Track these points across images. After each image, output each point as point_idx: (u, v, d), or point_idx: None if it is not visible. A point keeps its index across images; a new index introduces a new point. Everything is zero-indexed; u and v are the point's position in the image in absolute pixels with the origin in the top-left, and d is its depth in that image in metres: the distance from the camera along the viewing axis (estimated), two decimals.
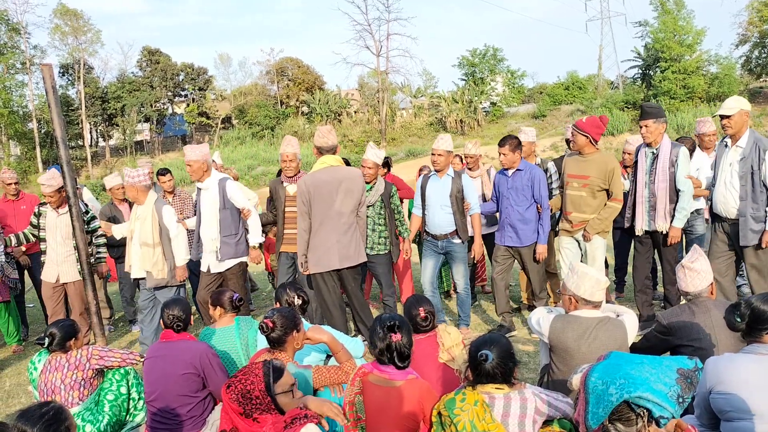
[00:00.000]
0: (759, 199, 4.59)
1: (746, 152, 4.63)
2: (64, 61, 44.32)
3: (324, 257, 4.78)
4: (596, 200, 5.11)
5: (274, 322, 3.09)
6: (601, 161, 5.13)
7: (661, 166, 4.92)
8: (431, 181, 5.57)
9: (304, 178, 4.82)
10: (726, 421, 2.57)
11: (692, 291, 3.24)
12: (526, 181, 5.32)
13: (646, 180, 5.01)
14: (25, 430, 2.09)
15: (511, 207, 5.38)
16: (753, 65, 37.51)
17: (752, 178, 4.60)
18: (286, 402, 2.37)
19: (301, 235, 4.84)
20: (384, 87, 42.72)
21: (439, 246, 5.56)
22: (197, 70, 48.35)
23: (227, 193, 5.33)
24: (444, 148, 5.39)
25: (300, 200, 4.78)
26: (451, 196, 5.40)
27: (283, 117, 46.28)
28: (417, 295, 3.64)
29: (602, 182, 5.09)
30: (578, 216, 5.19)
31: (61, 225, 5.79)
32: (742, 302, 2.66)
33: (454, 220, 5.42)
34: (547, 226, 5.38)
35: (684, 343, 3.14)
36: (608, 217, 5.12)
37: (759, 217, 4.59)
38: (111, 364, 3.71)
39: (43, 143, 40.33)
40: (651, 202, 5.00)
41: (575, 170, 5.22)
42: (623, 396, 1.91)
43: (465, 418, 2.51)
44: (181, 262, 5.42)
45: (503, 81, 44.57)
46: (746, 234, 4.62)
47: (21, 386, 5.33)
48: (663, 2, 35.20)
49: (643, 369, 1.97)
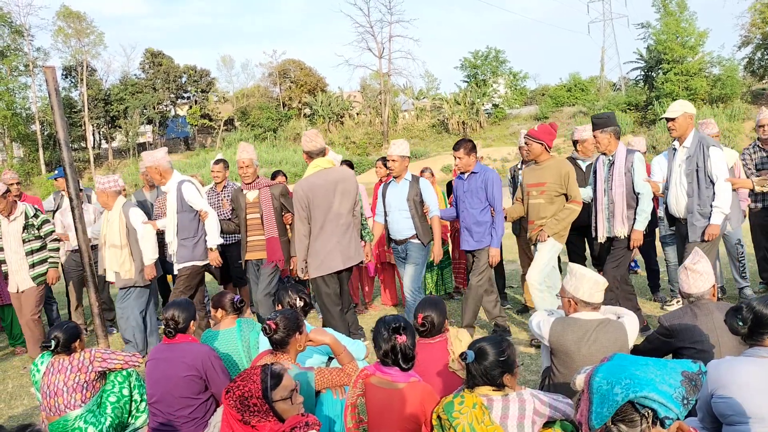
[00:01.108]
0: (704, 195, 4.77)
1: (692, 151, 4.84)
2: (67, 63, 44.49)
3: (327, 260, 4.82)
4: (554, 206, 5.18)
5: (277, 324, 3.09)
6: (555, 167, 5.19)
7: (617, 172, 5.05)
8: (390, 187, 5.63)
9: (300, 184, 4.84)
10: (728, 425, 2.56)
11: (694, 293, 3.24)
12: (480, 184, 5.34)
13: (605, 187, 5.14)
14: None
15: (467, 210, 5.40)
16: (756, 67, 37.45)
17: (698, 175, 4.79)
18: (285, 409, 2.31)
19: (301, 240, 4.85)
20: (386, 89, 42.77)
21: (401, 251, 5.61)
22: (200, 72, 48.43)
23: (183, 195, 5.39)
24: (398, 154, 5.45)
25: (299, 206, 4.79)
26: (408, 200, 5.45)
27: (286, 119, 46.35)
28: (426, 298, 3.57)
29: (559, 187, 5.15)
30: (540, 223, 5.25)
31: (12, 232, 5.81)
32: (744, 306, 2.64)
33: (414, 224, 5.45)
34: (500, 229, 5.35)
35: (686, 346, 3.13)
36: (566, 218, 5.15)
37: (705, 213, 4.77)
38: (113, 366, 3.72)
39: (46, 145, 40.46)
40: (610, 209, 5.12)
41: (533, 179, 5.28)
42: (629, 396, 1.91)
43: (464, 421, 2.51)
44: (148, 261, 5.51)
45: (505, 83, 44.61)
46: (695, 230, 4.81)
47: (23, 388, 5.35)
48: (665, 4, 35.18)
49: (648, 370, 1.97)
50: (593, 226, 5.32)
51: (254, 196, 5.61)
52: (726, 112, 32.20)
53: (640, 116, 35.68)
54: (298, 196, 4.78)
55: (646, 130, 33.88)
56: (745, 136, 30.37)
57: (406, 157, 5.52)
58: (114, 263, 5.48)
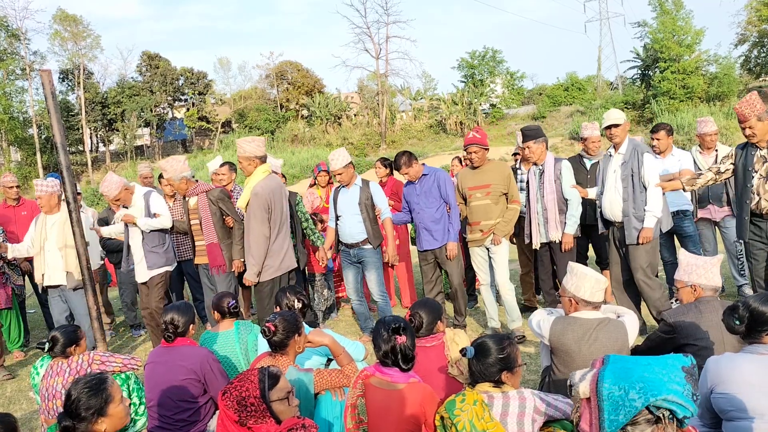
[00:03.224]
0: (639, 199, 4.94)
1: (627, 157, 5.00)
2: (63, 67, 44.40)
3: (286, 259, 5.01)
4: (498, 206, 5.40)
5: (276, 325, 3.08)
6: (498, 168, 5.44)
7: (547, 181, 5.36)
8: (341, 192, 5.70)
9: (263, 186, 4.86)
10: (727, 420, 2.56)
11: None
12: (432, 183, 5.51)
13: (537, 195, 5.42)
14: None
15: (423, 211, 5.54)
16: (752, 65, 37.49)
17: (632, 181, 4.95)
18: (282, 410, 2.32)
19: (262, 243, 4.86)
20: (383, 90, 42.76)
21: (352, 255, 5.67)
22: (197, 74, 48.35)
23: (150, 205, 5.57)
24: (341, 166, 5.49)
25: (262, 208, 4.82)
26: (360, 204, 5.52)
27: (283, 120, 46.30)
28: (421, 299, 3.64)
29: (503, 187, 5.36)
30: (487, 224, 5.40)
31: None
32: (740, 305, 2.64)
33: (365, 228, 5.53)
34: (456, 224, 5.52)
35: (690, 342, 3.14)
36: (512, 219, 5.39)
37: (640, 216, 4.93)
38: (112, 369, 3.70)
39: (44, 149, 40.38)
40: (544, 215, 5.41)
41: (474, 182, 5.44)
42: (648, 400, 1.88)
43: (465, 418, 2.51)
44: (94, 266, 5.68)
45: (503, 82, 44.57)
46: (630, 233, 4.95)
47: (22, 392, 5.34)
48: (662, 2, 35.19)
49: (653, 370, 1.95)
50: (527, 233, 5.60)
51: (194, 202, 5.62)
52: (723, 110, 32.16)
53: (637, 115, 35.68)
54: (261, 199, 4.81)
55: (643, 128, 33.87)
56: (742, 134, 30.39)
57: (350, 164, 5.58)
58: (70, 264, 5.54)
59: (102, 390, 2.36)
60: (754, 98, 4.48)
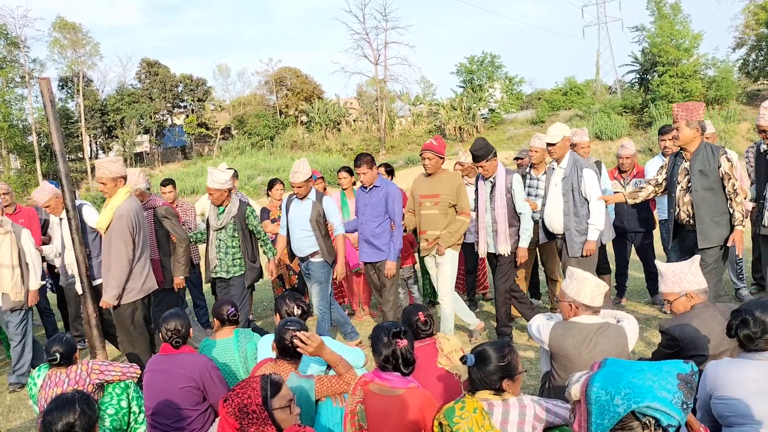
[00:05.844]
0: (580, 213, 5.02)
1: (567, 172, 5.09)
2: (63, 74, 44.41)
3: (148, 280, 4.91)
4: (446, 217, 5.35)
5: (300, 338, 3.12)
6: (448, 179, 5.38)
7: (498, 194, 5.32)
8: (294, 204, 5.62)
9: (129, 206, 4.74)
10: (726, 426, 2.55)
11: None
12: (381, 197, 5.41)
13: (487, 206, 5.40)
14: None
15: (366, 223, 5.48)
16: (750, 68, 37.51)
17: (573, 195, 5.03)
18: (283, 418, 2.32)
19: (126, 265, 4.72)
20: (382, 95, 42.82)
21: (304, 268, 5.65)
22: (196, 81, 48.38)
23: (83, 217, 5.38)
24: (302, 180, 5.42)
25: (128, 230, 4.70)
26: (311, 221, 5.45)
27: (283, 126, 46.32)
28: (414, 304, 3.71)
29: (452, 198, 5.32)
30: (432, 234, 5.38)
31: None
32: (750, 319, 2.56)
33: (318, 244, 5.46)
34: (398, 243, 5.41)
35: (699, 353, 3.02)
36: (458, 230, 5.37)
37: (582, 230, 5.02)
38: (111, 378, 3.70)
39: (43, 156, 40.34)
40: (493, 227, 5.38)
41: (426, 190, 5.42)
42: (631, 407, 1.88)
43: (464, 426, 2.50)
44: (34, 286, 5.58)
45: (501, 87, 44.61)
46: (573, 245, 5.05)
47: (21, 401, 5.32)
48: (659, 7, 35.26)
49: (645, 377, 1.95)
50: (474, 242, 5.61)
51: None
52: (722, 113, 32.22)
53: (636, 119, 35.68)
54: (129, 220, 4.69)
55: (642, 132, 33.91)
56: (741, 137, 30.41)
57: (309, 179, 5.51)
58: (6, 284, 5.45)
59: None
60: (697, 107, 4.49)
